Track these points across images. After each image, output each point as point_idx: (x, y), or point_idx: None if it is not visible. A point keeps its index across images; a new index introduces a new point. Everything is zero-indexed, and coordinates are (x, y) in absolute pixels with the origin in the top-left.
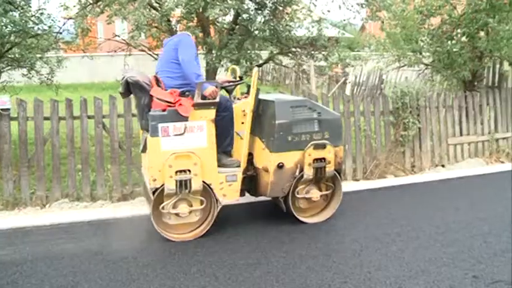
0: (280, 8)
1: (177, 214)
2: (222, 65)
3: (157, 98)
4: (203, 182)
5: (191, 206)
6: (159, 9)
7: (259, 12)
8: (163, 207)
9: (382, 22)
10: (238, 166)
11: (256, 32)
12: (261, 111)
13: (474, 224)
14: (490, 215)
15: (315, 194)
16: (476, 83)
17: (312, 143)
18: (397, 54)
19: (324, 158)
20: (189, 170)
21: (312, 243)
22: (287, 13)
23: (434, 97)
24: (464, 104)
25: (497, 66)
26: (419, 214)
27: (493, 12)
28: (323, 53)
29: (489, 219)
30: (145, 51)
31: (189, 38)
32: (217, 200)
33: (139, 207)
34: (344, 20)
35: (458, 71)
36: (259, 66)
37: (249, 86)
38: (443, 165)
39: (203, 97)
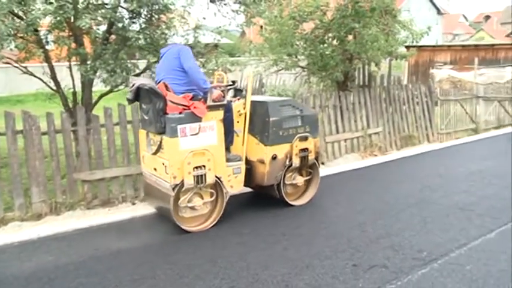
0: (156, 16)
1: (191, 207)
2: (98, 76)
3: (174, 102)
4: (215, 175)
5: (202, 198)
6: (24, 18)
7: (134, 21)
8: (180, 202)
9: (261, 27)
10: (240, 160)
11: (133, 40)
12: (253, 110)
13: (352, 216)
14: (366, 207)
15: (299, 179)
16: (348, 83)
17: (298, 136)
18: (274, 59)
19: (307, 148)
20: (204, 166)
21: (198, 251)
22: (164, 21)
23: (311, 98)
24: (339, 103)
25: (366, 67)
26: (302, 211)
27: (358, 17)
28: (200, 59)
29: (365, 211)
30: (12, 64)
31: (188, 48)
32: (226, 192)
33: (12, 234)
34: (220, 27)
35: (331, 72)
36: (136, 76)
37: (236, 90)
38: (323, 163)
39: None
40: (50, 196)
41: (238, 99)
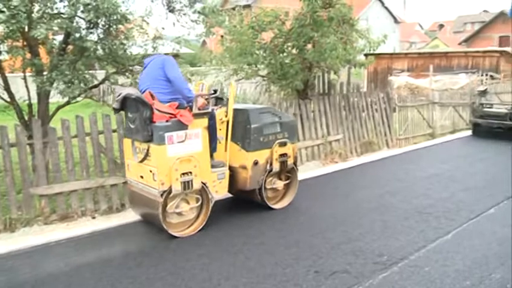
0: (114, 27)
1: (178, 213)
2: (55, 88)
3: (160, 111)
4: (201, 181)
5: (189, 204)
6: None
7: (92, 31)
8: (168, 208)
9: (222, 36)
10: (224, 166)
11: (91, 51)
12: (234, 118)
13: (314, 222)
14: (327, 213)
15: (279, 184)
16: (308, 92)
17: (277, 141)
18: (234, 68)
19: (286, 154)
20: (191, 172)
21: (160, 264)
22: (122, 31)
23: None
24: (299, 111)
25: (326, 75)
26: (265, 220)
27: (316, 27)
28: None
29: (326, 217)
30: None
31: (172, 58)
32: (211, 197)
33: None
34: (179, 37)
35: (291, 81)
36: (94, 87)
37: (217, 98)
38: None
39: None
40: (4, 212)
41: (220, 107)
